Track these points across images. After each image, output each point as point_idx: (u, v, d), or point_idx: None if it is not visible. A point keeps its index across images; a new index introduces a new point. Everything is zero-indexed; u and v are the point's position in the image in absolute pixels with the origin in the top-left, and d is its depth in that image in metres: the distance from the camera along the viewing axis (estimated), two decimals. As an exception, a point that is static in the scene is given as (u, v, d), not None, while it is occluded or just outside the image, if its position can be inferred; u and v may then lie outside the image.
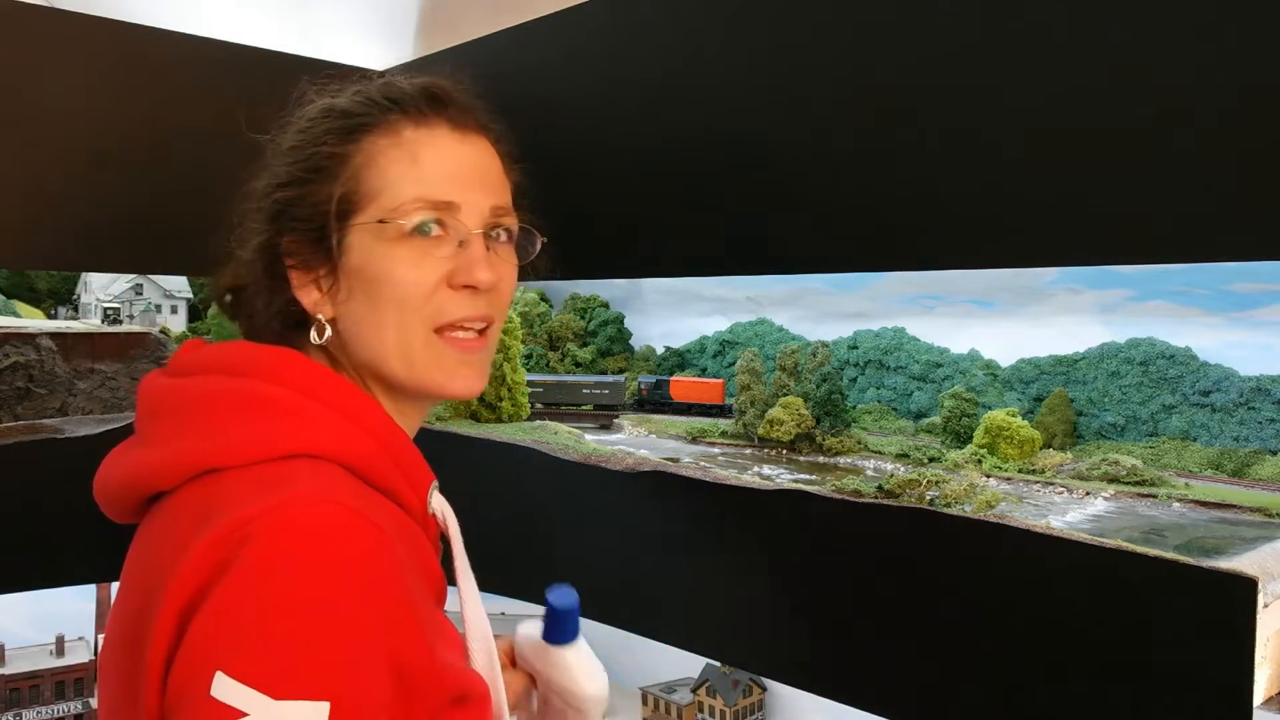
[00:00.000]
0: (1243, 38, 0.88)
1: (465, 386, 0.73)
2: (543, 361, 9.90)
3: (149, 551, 0.64)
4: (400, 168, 0.71)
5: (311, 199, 0.71)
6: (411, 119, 0.72)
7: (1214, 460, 6.11)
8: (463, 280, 0.71)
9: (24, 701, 3.98)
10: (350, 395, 0.69)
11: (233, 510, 0.58)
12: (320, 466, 0.63)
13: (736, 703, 4.78)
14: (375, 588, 0.57)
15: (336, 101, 0.74)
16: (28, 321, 6.39)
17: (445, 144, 0.73)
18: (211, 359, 0.71)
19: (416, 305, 0.70)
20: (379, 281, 0.70)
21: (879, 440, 7.94)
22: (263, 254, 0.72)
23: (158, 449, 0.66)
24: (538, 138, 0.79)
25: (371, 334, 0.71)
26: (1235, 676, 0.92)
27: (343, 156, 0.71)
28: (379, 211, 0.70)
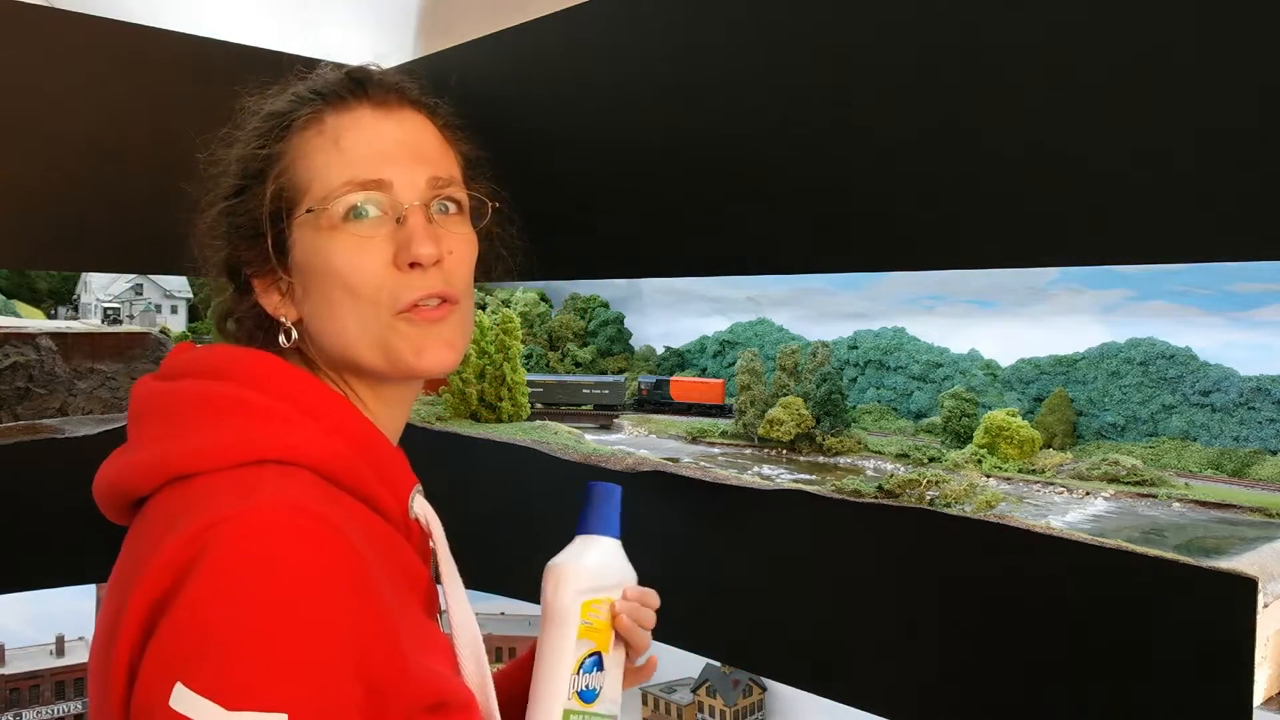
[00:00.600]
0: (1243, 37, 0.88)
1: (434, 360, 0.71)
2: (543, 361, 9.89)
3: (125, 556, 0.64)
4: (325, 155, 0.70)
5: (251, 204, 0.71)
6: (333, 106, 0.71)
7: (1214, 460, 6.11)
8: (405, 258, 0.69)
9: (24, 701, 3.98)
10: (325, 399, 0.69)
11: (195, 517, 0.57)
12: (289, 472, 0.62)
13: (736, 703, 4.78)
14: (336, 594, 0.56)
15: (265, 105, 0.74)
16: (28, 321, 6.39)
17: (367, 123, 0.72)
18: (194, 363, 0.70)
19: (370, 293, 0.69)
20: (325, 274, 0.69)
21: (879, 440, 7.93)
22: (226, 269, 0.73)
23: (138, 454, 0.66)
24: (538, 137, 0.80)
25: (333, 328, 0.71)
26: (1235, 676, 0.92)
27: (274, 157, 0.71)
28: (310, 202, 0.69)
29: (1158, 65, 0.94)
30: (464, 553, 0.77)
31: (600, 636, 0.82)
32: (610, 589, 0.83)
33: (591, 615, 0.82)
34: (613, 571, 0.84)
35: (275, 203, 0.70)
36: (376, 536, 0.67)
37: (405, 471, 0.73)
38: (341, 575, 0.57)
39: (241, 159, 0.73)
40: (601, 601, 0.82)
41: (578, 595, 0.81)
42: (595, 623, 0.82)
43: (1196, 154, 0.91)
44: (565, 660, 0.80)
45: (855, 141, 1.18)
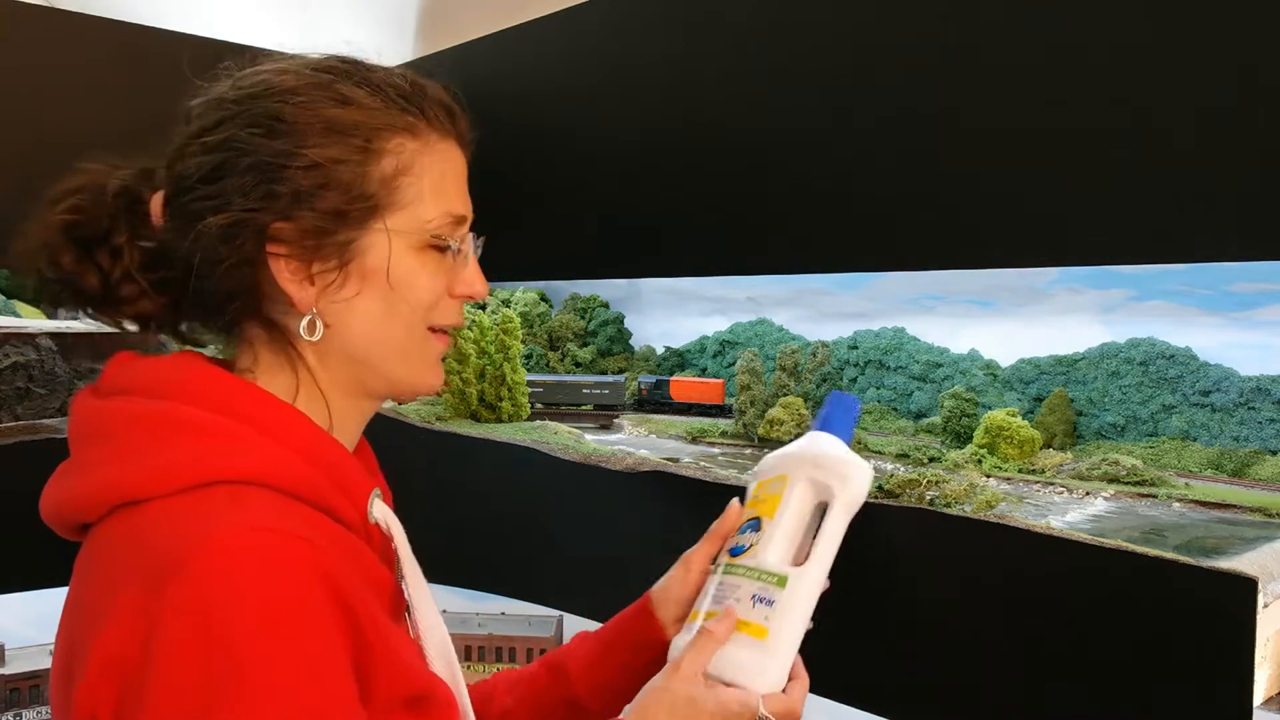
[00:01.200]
0: (1243, 37, 0.88)
1: (439, 379, 0.75)
2: (543, 361, 9.88)
3: (77, 585, 0.62)
4: (432, 180, 0.71)
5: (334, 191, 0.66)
6: (437, 131, 0.72)
7: (1214, 460, 6.10)
8: (464, 291, 0.74)
9: (24, 701, 3.97)
10: (271, 410, 0.67)
11: (154, 557, 0.55)
12: (240, 492, 0.60)
13: (736, 703, 4.77)
14: (314, 606, 0.56)
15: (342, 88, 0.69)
16: (28, 321, 6.38)
17: (458, 159, 0.75)
18: (133, 378, 0.67)
19: (425, 310, 0.72)
20: (404, 287, 0.70)
21: (879, 440, 7.92)
22: (234, 235, 0.65)
23: (80, 479, 0.64)
24: (538, 137, 0.80)
25: (377, 334, 0.70)
26: (1235, 676, 0.92)
27: (373, 153, 0.68)
28: (413, 221, 0.70)
29: (1158, 65, 0.94)
30: (464, 552, 0.77)
31: (765, 506, 0.88)
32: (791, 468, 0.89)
33: (762, 490, 0.90)
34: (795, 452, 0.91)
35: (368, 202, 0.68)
36: (338, 544, 0.66)
37: (361, 476, 0.71)
38: (314, 581, 0.57)
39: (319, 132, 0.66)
40: (776, 479, 0.89)
41: (754, 477, 0.92)
42: (764, 495, 0.89)
43: (1197, 154, 0.91)
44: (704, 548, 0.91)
45: (855, 141, 1.18)
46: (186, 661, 0.52)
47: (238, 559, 0.55)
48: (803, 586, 0.84)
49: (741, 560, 0.86)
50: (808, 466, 0.88)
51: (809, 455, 0.89)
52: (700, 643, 0.81)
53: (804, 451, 0.89)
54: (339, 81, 0.69)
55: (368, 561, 0.69)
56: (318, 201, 0.66)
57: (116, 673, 0.54)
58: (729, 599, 0.84)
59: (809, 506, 0.88)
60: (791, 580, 0.84)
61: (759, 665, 0.81)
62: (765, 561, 0.84)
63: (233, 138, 0.67)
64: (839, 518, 0.87)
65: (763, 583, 0.84)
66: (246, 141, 0.67)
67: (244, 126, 0.67)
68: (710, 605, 0.85)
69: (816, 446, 0.90)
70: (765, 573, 0.84)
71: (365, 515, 0.71)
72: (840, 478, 0.88)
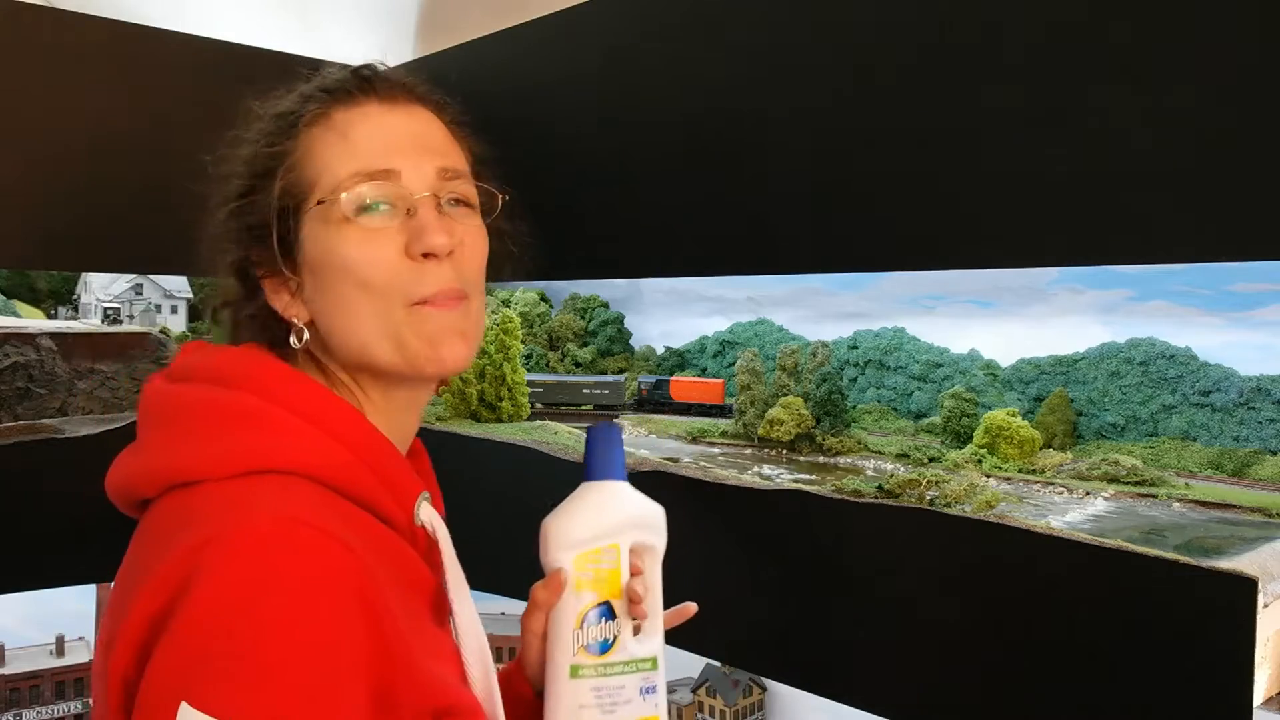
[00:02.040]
0: (1243, 37, 0.88)
1: (451, 353, 0.70)
2: (543, 361, 9.88)
3: (128, 561, 0.64)
4: (332, 149, 0.70)
5: (260, 203, 0.70)
6: (340, 103, 0.71)
7: (1214, 460, 6.10)
8: (418, 248, 0.68)
9: (24, 701, 3.97)
10: (329, 405, 0.68)
11: (192, 532, 0.57)
12: (289, 482, 0.62)
13: (736, 703, 4.78)
14: (337, 604, 0.56)
15: (271, 106, 0.73)
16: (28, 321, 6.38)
17: (375, 116, 0.71)
18: (201, 366, 0.70)
19: (383, 284, 0.68)
20: (337, 268, 0.68)
21: (879, 440, 7.92)
22: (236, 271, 0.72)
23: (143, 457, 0.67)
24: (538, 137, 0.80)
25: (348, 324, 0.69)
26: (1235, 676, 0.92)
27: (282, 154, 0.70)
28: (321, 194, 0.69)
29: (1158, 64, 0.94)
30: (464, 553, 0.77)
31: (607, 586, 0.79)
32: (612, 534, 0.80)
33: (589, 566, 0.79)
34: (610, 516, 0.81)
35: (283, 200, 0.70)
36: (381, 544, 0.67)
37: (411, 479, 0.72)
38: (342, 584, 0.57)
39: (249, 159, 0.72)
40: (600, 551, 0.79)
41: (569, 550, 0.79)
42: (596, 573, 0.79)
43: (1197, 154, 0.91)
44: (565, 619, 0.78)
45: (855, 141, 1.18)
46: (194, 627, 0.54)
47: (275, 542, 0.56)
48: (662, 652, 0.82)
49: (613, 657, 0.79)
50: (632, 531, 0.81)
51: (626, 516, 0.81)
52: None
53: (616, 512, 0.81)
54: (278, 100, 0.74)
55: (410, 562, 0.70)
56: (254, 219, 0.71)
57: (145, 633, 0.56)
58: (619, 703, 0.78)
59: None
60: (659, 656, 0.81)
61: None
62: (637, 650, 0.80)
63: (210, 211, 0.75)
64: (659, 567, 0.83)
65: (642, 672, 0.80)
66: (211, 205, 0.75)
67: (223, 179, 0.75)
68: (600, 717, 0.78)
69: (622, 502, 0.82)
70: (640, 661, 0.80)
71: (411, 516, 0.71)
72: (659, 531, 0.83)
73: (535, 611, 0.81)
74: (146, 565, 0.59)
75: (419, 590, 0.70)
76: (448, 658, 0.71)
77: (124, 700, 0.57)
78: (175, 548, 0.57)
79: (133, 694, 0.56)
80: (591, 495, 0.81)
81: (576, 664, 0.78)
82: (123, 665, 0.56)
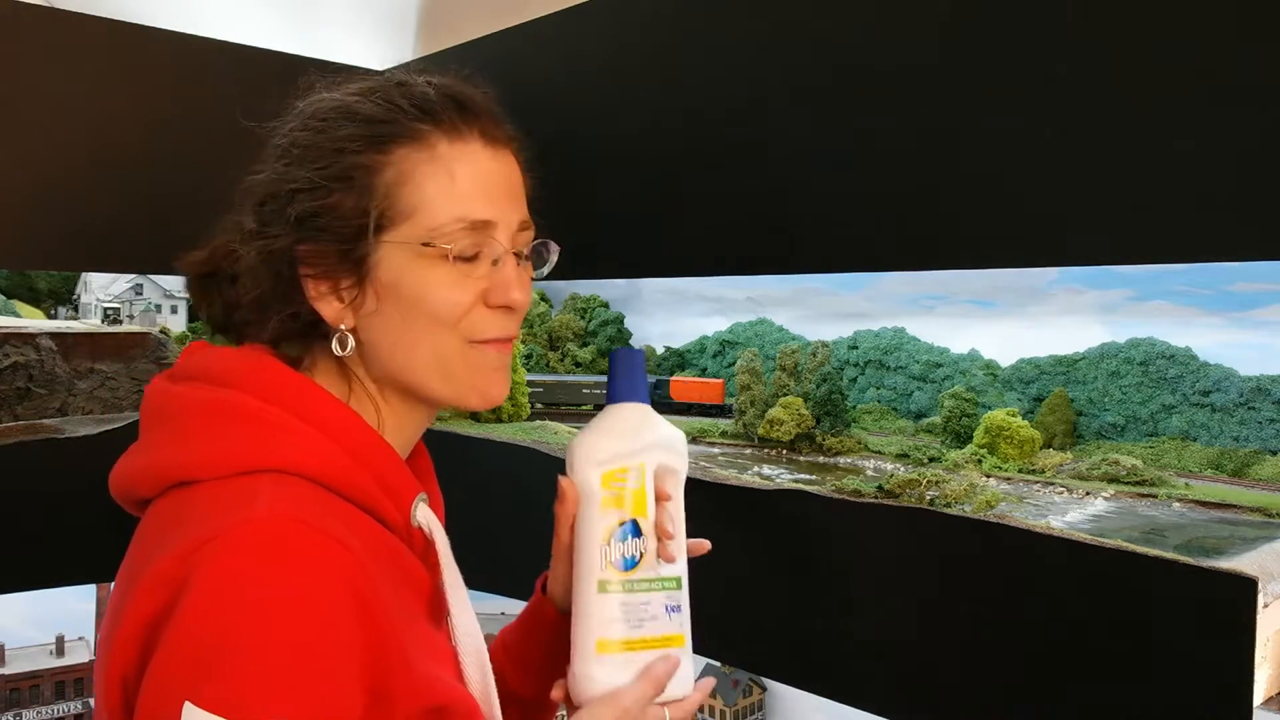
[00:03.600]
0: (1243, 36, 0.88)
1: (499, 393, 0.73)
2: (543, 361, 9.89)
3: (128, 560, 0.64)
4: (437, 185, 0.69)
5: (339, 210, 0.68)
6: (444, 132, 0.70)
7: (1214, 460, 6.11)
8: (499, 301, 0.71)
9: (24, 701, 3.98)
10: (329, 408, 0.68)
11: (188, 533, 0.57)
12: (287, 482, 0.62)
13: (736, 703, 4.79)
14: (333, 602, 0.57)
15: (355, 104, 0.70)
16: (28, 321, 6.39)
17: (480, 160, 0.71)
18: (202, 366, 0.70)
19: (454, 324, 0.70)
20: (415, 300, 0.69)
21: (879, 440, 7.93)
22: (272, 259, 0.69)
23: (143, 457, 0.67)
24: (538, 137, 0.80)
25: (403, 349, 0.70)
26: (1235, 676, 0.92)
27: (372, 168, 0.68)
28: (418, 230, 0.68)
29: (1158, 64, 0.94)
30: (464, 553, 0.77)
31: (633, 505, 0.80)
32: (638, 453, 0.81)
33: (615, 485, 0.80)
34: (635, 435, 0.81)
35: (368, 217, 0.68)
36: (378, 544, 0.67)
37: (408, 480, 0.72)
38: (338, 580, 0.57)
39: (321, 154, 0.69)
40: (626, 470, 0.80)
41: (595, 468, 0.80)
42: (621, 492, 0.80)
43: (1196, 153, 0.91)
44: (592, 535, 0.80)
45: (855, 141, 1.18)
46: (194, 627, 0.54)
47: (270, 541, 0.56)
48: (686, 574, 0.83)
49: (640, 574, 0.80)
50: (657, 452, 0.82)
51: (653, 438, 0.82)
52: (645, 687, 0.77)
53: (641, 433, 0.82)
54: (362, 101, 0.71)
55: (406, 563, 0.70)
56: (324, 221, 0.68)
57: (144, 633, 0.56)
58: (646, 619, 0.79)
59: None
60: (684, 576, 0.83)
61: (684, 673, 0.81)
62: (663, 569, 0.81)
63: (270, 168, 0.71)
64: (681, 492, 0.84)
65: (667, 591, 0.81)
66: (275, 171, 0.71)
67: (277, 158, 0.71)
68: (627, 632, 0.79)
69: (648, 423, 0.82)
70: (666, 580, 0.81)
71: (409, 518, 0.71)
72: (681, 455, 0.84)
73: (560, 527, 0.84)
74: (143, 565, 0.59)
75: (416, 591, 0.71)
76: (444, 658, 0.71)
77: (123, 700, 0.57)
78: (172, 548, 0.57)
79: (131, 694, 0.56)
80: (616, 416, 0.82)
81: (604, 579, 0.79)
82: (121, 665, 0.57)
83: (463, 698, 0.69)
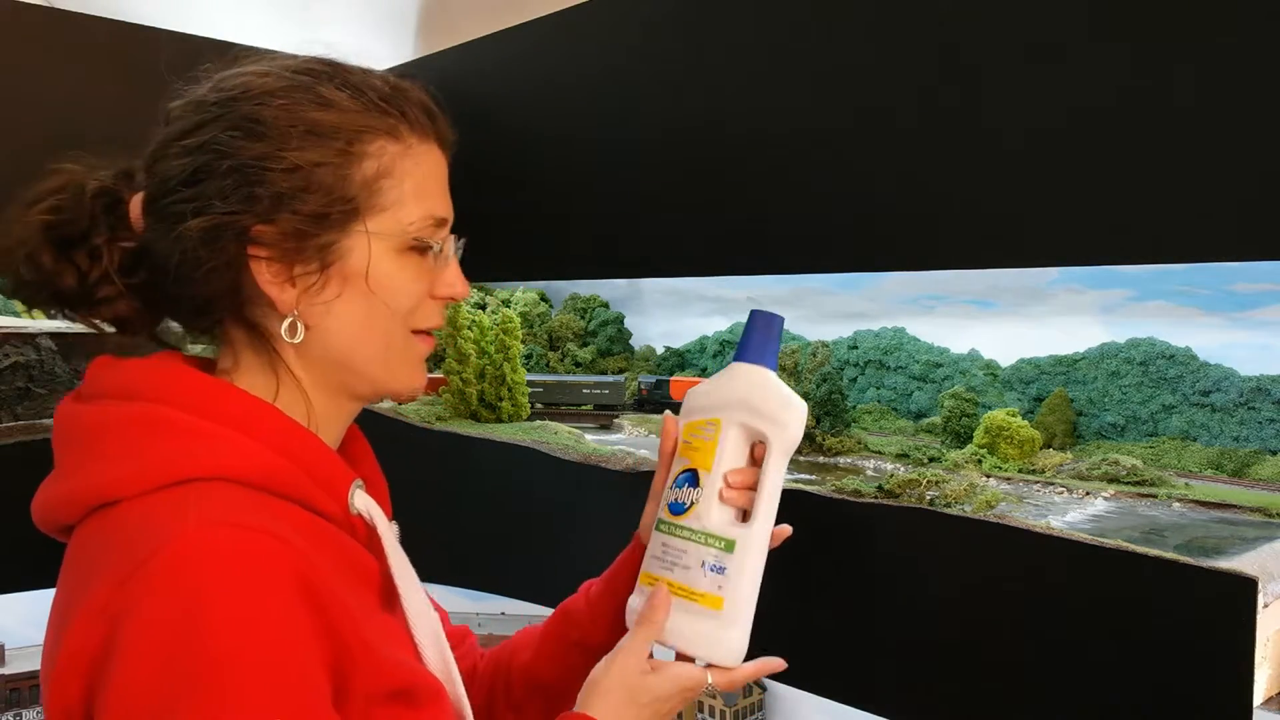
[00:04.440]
0: (1243, 36, 0.88)
1: (422, 382, 0.75)
2: (543, 361, 9.88)
3: (59, 589, 0.62)
4: (413, 181, 0.71)
5: (319, 194, 0.66)
6: (416, 133, 0.72)
7: (1214, 460, 6.09)
8: (445, 292, 0.74)
9: (24, 701, 3.98)
10: (245, 406, 0.67)
11: (120, 555, 0.56)
12: (210, 489, 0.61)
13: (736, 703, 4.78)
14: (280, 598, 0.55)
15: (326, 92, 0.69)
16: (28, 321, 6.38)
17: (439, 161, 0.74)
18: (110, 381, 0.67)
19: (405, 313, 0.72)
20: (383, 290, 0.70)
21: (879, 440, 7.92)
22: (219, 235, 0.65)
23: (61, 483, 0.65)
24: (538, 137, 0.80)
25: (358, 336, 0.70)
26: (1235, 676, 0.92)
27: (354, 156, 0.68)
28: (396, 223, 0.70)
29: (1158, 63, 0.94)
30: (464, 552, 0.77)
31: (700, 456, 0.81)
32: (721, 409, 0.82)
33: (693, 436, 0.82)
34: (725, 394, 0.82)
35: (353, 205, 0.68)
36: (319, 536, 0.66)
37: (339, 469, 0.71)
38: (278, 574, 0.56)
39: (300, 135, 0.67)
40: (707, 423, 0.82)
41: (686, 415, 0.84)
42: (695, 442, 0.82)
43: (1197, 153, 0.91)
44: (661, 475, 0.85)
45: (855, 141, 1.18)
46: (148, 654, 0.52)
47: (202, 553, 0.55)
48: (752, 547, 0.80)
49: (684, 521, 0.79)
50: (741, 411, 0.80)
51: (740, 397, 0.80)
52: (641, 634, 0.78)
53: (734, 391, 0.81)
54: (319, 84, 0.70)
55: (351, 552, 0.69)
56: (298, 204, 0.66)
57: (83, 666, 0.54)
58: (677, 565, 0.79)
59: (744, 454, 0.82)
60: (740, 543, 0.79)
61: (715, 636, 0.79)
62: (710, 524, 0.79)
63: (214, 140, 0.67)
64: (778, 465, 0.81)
65: (711, 547, 0.79)
66: (227, 144, 0.67)
67: (225, 129, 0.67)
68: (658, 569, 0.80)
69: (747, 384, 0.81)
70: (711, 536, 0.79)
71: (346, 506, 0.70)
72: (777, 422, 0.81)
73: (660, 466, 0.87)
74: (75, 594, 0.57)
75: (364, 579, 0.69)
76: (402, 642, 0.70)
77: None
78: (103, 577, 0.55)
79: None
80: (728, 373, 0.83)
81: (660, 519, 0.82)
82: (61, 701, 0.55)
83: (426, 679, 0.68)
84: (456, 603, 1.81)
